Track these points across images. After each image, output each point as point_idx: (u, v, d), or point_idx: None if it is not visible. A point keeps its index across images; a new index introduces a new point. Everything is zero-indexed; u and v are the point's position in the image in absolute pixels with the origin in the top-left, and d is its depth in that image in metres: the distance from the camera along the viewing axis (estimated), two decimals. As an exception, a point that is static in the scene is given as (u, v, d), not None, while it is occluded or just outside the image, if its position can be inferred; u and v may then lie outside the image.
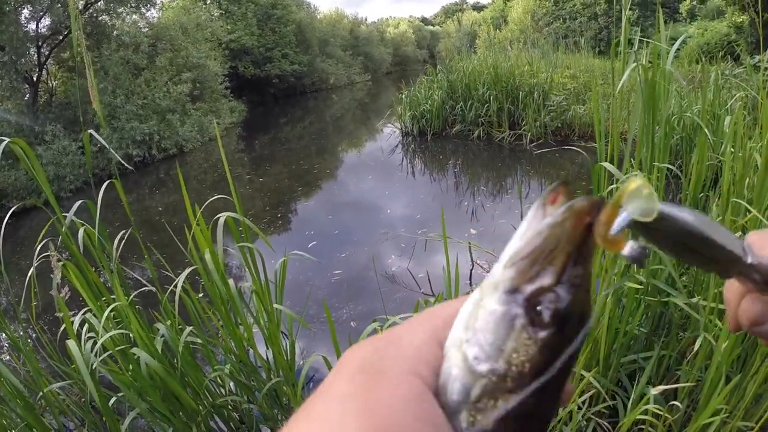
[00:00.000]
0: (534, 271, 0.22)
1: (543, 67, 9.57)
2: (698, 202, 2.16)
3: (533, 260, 0.22)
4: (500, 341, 0.22)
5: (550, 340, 0.21)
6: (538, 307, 0.21)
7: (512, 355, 0.21)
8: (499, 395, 0.21)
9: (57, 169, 9.83)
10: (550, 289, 0.22)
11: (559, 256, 0.22)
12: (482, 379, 0.21)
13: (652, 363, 1.93)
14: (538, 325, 0.21)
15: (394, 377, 0.23)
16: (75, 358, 1.81)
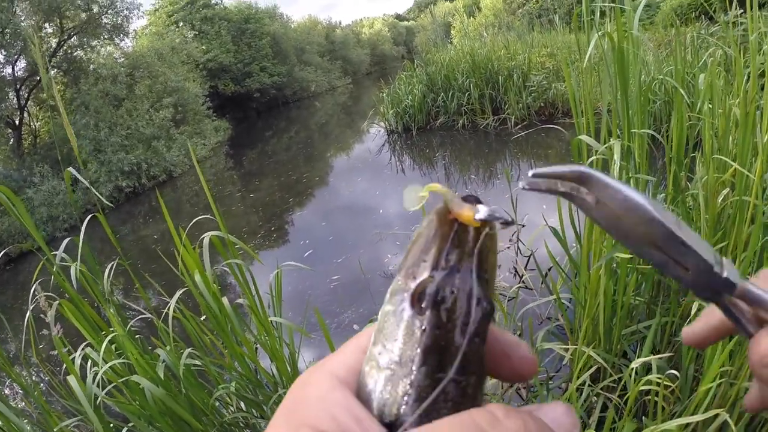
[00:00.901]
0: (414, 269, 0.24)
1: (520, 49, 9.56)
2: (682, 164, 2.16)
3: (412, 262, 0.24)
4: (394, 334, 0.23)
5: (432, 322, 0.22)
6: (421, 297, 0.23)
7: (405, 344, 0.23)
8: (401, 383, 0.22)
9: (49, 209, 9.81)
10: (429, 280, 0.23)
11: (431, 250, 0.24)
12: (384, 371, 0.23)
13: (653, 331, 1.93)
14: (420, 312, 0.23)
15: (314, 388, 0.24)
16: (76, 393, 1.80)
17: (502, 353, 0.27)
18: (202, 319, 2.29)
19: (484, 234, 0.24)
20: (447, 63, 9.64)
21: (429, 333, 0.22)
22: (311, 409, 0.23)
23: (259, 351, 2.53)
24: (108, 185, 11.05)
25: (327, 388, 0.24)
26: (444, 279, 0.23)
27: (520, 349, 0.27)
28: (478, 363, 0.23)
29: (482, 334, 0.23)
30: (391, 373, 0.23)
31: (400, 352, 0.23)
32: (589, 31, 1.87)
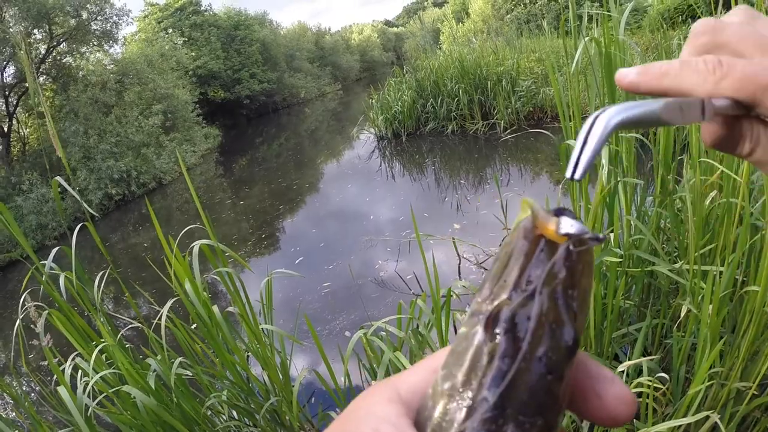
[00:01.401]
0: (494, 290, 0.22)
1: (508, 55, 9.62)
2: (670, 168, 2.17)
3: (493, 282, 0.22)
4: (461, 359, 0.21)
5: (502, 350, 0.20)
6: (496, 321, 0.21)
7: (470, 371, 0.21)
8: (458, 413, 0.20)
9: (38, 217, 9.73)
10: (506, 302, 0.21)
11: (513, 269, 0.22)
12: (444, 397, 0.21)
13: (643, 334, 1.94)
14: (492, 338, 0.21)
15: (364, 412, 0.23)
16: (66, 403, 1.78)
17: (592, 391, 0.23)
18: (192, 327, 2.28)
19: (576, 253, 0.21)
20: (436, 69, 9.68)
21: (497, 362, 0.20)
22: (358, 420, 0.22)
23: (250, 359, 2.52)
24: (97, 193, 10.97)
25: (381, 402, 0.23)
26: (522, 302, 0.21)
27: (615, 386, 0.23)
28: (551, 404, 0.20)
29: (558, 371, 0.20)
30: (449, 400, 0.21)
31: (464, 379, 0.21)
32: (576, 36, 1.88)
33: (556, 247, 0.21)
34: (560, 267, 0.21)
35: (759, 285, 1.48)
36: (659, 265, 1.92)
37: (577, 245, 0.21)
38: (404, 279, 4.28)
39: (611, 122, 0.26)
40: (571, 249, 0.21)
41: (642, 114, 0.27)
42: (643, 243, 2.07)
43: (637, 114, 0.27)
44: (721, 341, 1.55)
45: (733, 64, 0.29)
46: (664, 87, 0.30)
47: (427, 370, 0.24)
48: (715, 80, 0.29)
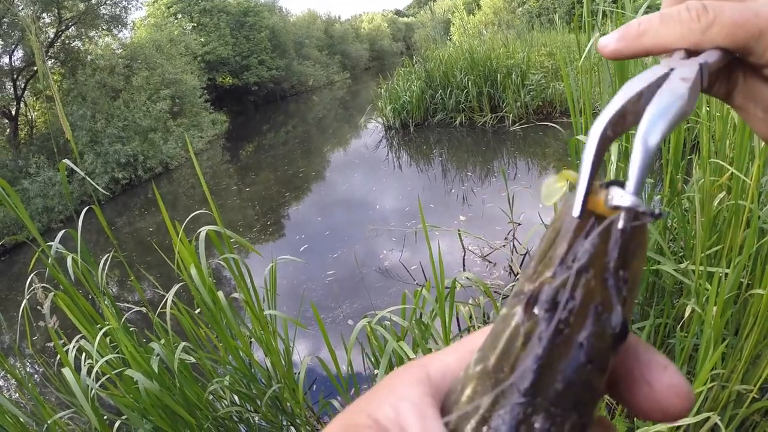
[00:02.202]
0: (538, 269, 0.20)
1: (519, 48, 9.56)
2: (679, 167, 2.16)
3: (537, 261, 0.20)
4: (497, 341, 0.19)
5: (540, 331, 0.19)
6: (537, 301, 0.19)
7: (503, 354, 0.19)
8: (485, 398, 0.19)
9: (45, 200, 9.76)
10: (549, 280, 0.19)
11: (559, 247, 0.20)
12: (473, 380, 0.20)
13: (646, 332, 1.94)
14: (530, 319, 0.19)
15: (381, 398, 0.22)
16: (71, 385, 1.80)
17: (642, 378, 0.21)
18: (196, 312, 2.29)
19: (629, 229, 0.19)
20: (446, 60, 9.63)
21: (533, 345, 0.18)
22: (381, 398, 0.21)
23: (253, 345, 2.54)
24: (104, 177, 11.01)
25: (407, 382, 0.21)
26: (566, 281, 0.19)
27: (669, 374, 0.21)
28: (588, 399, 0.18)
29: (601, 361, 0.19)
30: (479, 383, 0.19)
31: (496, 363, 0.19)
32: (590, 31, 1.87)
33: (610, 224, 0.20)
34: (611, 243, 0.19)
35: (764, 289, 1.48)
36: (665, 264, 1.92)
37: (629, 220, 0.19)
38: (408, 269, 4.29)
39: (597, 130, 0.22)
40: (623, 224, 0.19)
41: (678, 117, 0.23)
42: (650, 241, 2.07)
43: (674, 119, 0.23)
44: (724, 343, 1.55)
45: (720, 9, 0.26)
46: (646, 47, 0.27)
47: (461, 351, 0.23)
48: (701, 28, 0.26)
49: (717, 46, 0.26)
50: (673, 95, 0.23)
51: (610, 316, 0.19)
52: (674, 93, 0.23)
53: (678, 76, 0.24)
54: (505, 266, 3.92)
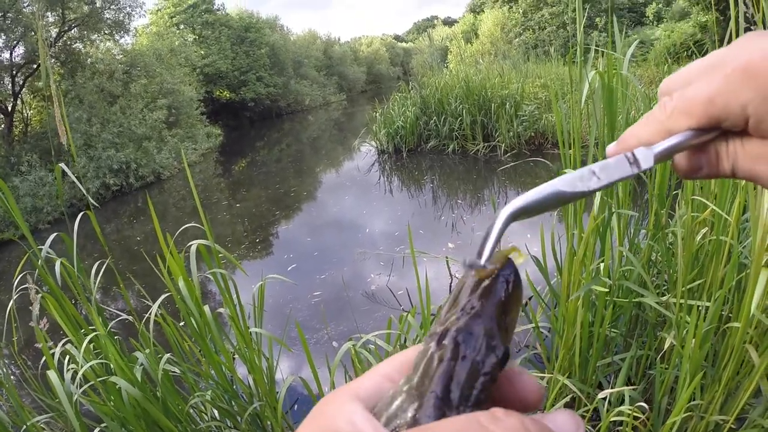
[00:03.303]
0: (447, 315, 0.27)
1: (514, 78, 9.71)
2: (664, 202, 2.21)
3: (447, 310, 0.27)
4: (418, 367, 0.26)
5: (449, 356, 0.25)
6: (444, 336, 0.26)
7: (424, 374, 0.25)
8: (411, 406, 0.24)
9: (34, 200, 9.69)
10: (453, 322, 0.26)
11: (461, 302, 0.27)
12: (402, 394, 0.25)
13: (627, 363, 1.96)
14: (440, 348, 0.26)
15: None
16: (55, 388, 1.79)
17: (507, 382, 0.27)
18: (181, 324, 2.29)
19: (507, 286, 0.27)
20: (441, 87, 9.76)
21: (444, 364, 0.25)
22: (330, 416, 0.25)
23: (236, 362, 2.53)
24: (95, 181, 10.96)
25: (347, 400, 0.26)
26: (466, 322, 0.26)
27: (523, 377, 0.28)
28: (484, 399, 0.25)
29: (491, 374, 0.25)
30: (407, 396, 0.25)
31: (418, 381, 0.25)
32: (582, 67, 1.93)
33: (495, 281, 0.27)
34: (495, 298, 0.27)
35: (740, 322, 1.51)
36: (647, 297, 1.95)
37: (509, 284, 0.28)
38: (395, 294, 4.30)
39: (504, 214, 0.30)
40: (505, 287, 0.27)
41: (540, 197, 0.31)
42: (633, 274, 2.11)
43: (535, 199, 0.30)
44: (701, 374, 1.58)
45: (680, 94, 0.30)
46: (631, 147, 0.32)
47: (376, 375, 0.28)
48: (668, 115, 0.30)
49: (684, 128, 0.30)
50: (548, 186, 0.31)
51: (495, 344, 0.26)
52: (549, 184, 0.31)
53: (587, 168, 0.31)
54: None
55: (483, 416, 0.22)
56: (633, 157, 0.31)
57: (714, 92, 0.28)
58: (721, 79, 0.28)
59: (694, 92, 0.29)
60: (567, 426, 0.25)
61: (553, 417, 0.25)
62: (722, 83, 0.28)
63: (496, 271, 0.28)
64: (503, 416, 0.22)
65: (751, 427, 1.68)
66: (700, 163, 0.32)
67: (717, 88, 0.28)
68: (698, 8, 13.38)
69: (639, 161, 0.31)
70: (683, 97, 0.30)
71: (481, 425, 0.22)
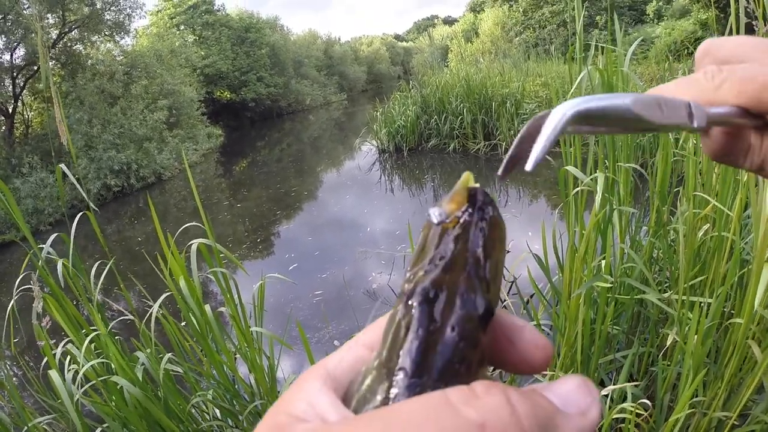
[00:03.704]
0: (415, 271, 0.22)
1: (514, 77, 9.70)
2: (665, 199, 2.21)
3: (413, 265, 0.23)
4: (386, 337, 0.22)
5: (417, 322, 0.21)
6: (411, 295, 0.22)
7: (392, 346, 0.21)
8: (381, 386, 0.21)
9: (35, 202, 9.71)
10: (421, 278, 0.22)
11: (428, 254, 0.22)
12: (372, 371, 0.22)
13: (629, 361, 1.96)
14: (408, 312, 0.21)
15: None
16: (56, 387, 1.79)
17: (505, 339, 0.23)
18: (182, 324, 2.29)
19: (486, 228, 0.22)
20: (442, 86, 9.75)
21: (411, 333, 0.21)
22: (291, 396, 0.22)
23: (237, 361, 2.53)
24: (96, 183, 10.97)
25: (311, 379, 0.23)
26: (435, 276, 0.21)
27: (525, 332, 0.23)
28: (464, 370, 0.21)
29: (471, 339, 0.21)
30: (376, 374, 0.21)
31: (387, 355, 0.21)
32: (582, 64, 1.92)
33: (468, 225, 0.22)
34: (469, 241, 0.22)
35: (743, 317, 1.51)
36: (649, 294, 1.95)
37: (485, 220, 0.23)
38: (396, 293, 4.29)
39: (568, 113, 0.25)
40: (481, 224, 0.22)
41: (607, 106, 0.25)
42: (635, 271, 2.10)
43: (601, 106, 0.25)
44: (704, 371, 1.57)
45: (733, 69, 0.28)
46: None
47: (360, 345, 0.25)
48: (714, 86, 0.28)
49: (732, 104, 0.28)
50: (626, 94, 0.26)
51: (474, 301, 0.21)
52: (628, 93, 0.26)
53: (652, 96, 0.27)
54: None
55: (455, 393, 0.18)
56: (689, 108, 0.27)
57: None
58: None
59: (755, 72, 0.27)
60: (576, 398, 0.19)
61: (557, 387, 0.20)
62: None
63: (464, 208, 0.23)
64: (483, 393, 0.18)
65: (754, 423, 1.68)
66: (732, 148, 0.30)
67: None
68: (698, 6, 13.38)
69: (694, 115, 0.27)
70: (738, 73, 0.28)
71: (451, 406, 0.17)
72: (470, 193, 0.24)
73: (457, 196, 0.23)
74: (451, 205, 0.23)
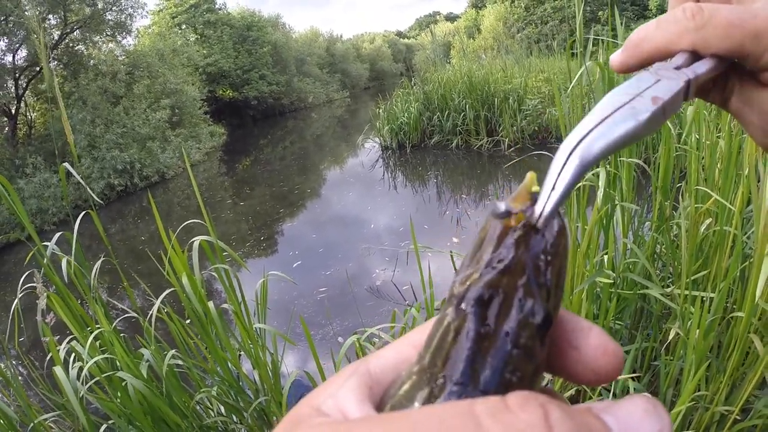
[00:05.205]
0: (468, 272, 0.21)
1: (517, 73, 9.68)
2: (668, 194, 2.21)
3: (467, 264, 0.22)
4: (431, 340, 0.21)
5: (468, 327, 0.20)
6: (464, 299, 0.21)
7: (437, 350, 0.20)
8: (420, 392, 0.20)
9: (39, 202, 9.75)
10: (476, 280, 0.21)
11: (486, 251, 0.21)
12: (413, 376, 0.21)
13: (632, 356, 1.96)
14: (458, 315, 0.20)
15: None
16: (61, 383, 1.80)
17: (568, 345, 0.21)
18: (186, 322, 2.30)
19: (550, 234, 0.21)
20: (444, 83, 9.74)
21: (462, 338, 0.20)
22: (321, 390, 0.21)
23: (241, 358, 2.54)
24: (100, 182, 11.00)
25: (346, 375, 0.22)
26: (491, 279, 0.20)
27: (593, 335, 0.21)
28: (516, 382, 0.19)
29: (526, 348, 0.20)
30: (416, 379, 0.20)
31: (430, 359, 0.20)
32: (581, 58, 1.92)
33: (530, 229, 0.21)
34: (531, 246, 0.21)
35: (744, 311, 1.51)
36: (652, 289, 1.95)
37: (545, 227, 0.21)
38: (400, 289, 4.30)
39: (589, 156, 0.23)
40: (549, 231, 0.21)
41: (627, 140, 0.24)
42: (638, 266, 2.10)
43: (621, 141, 0.23)
44: (705, 365, 1.58)
45: (716, 10, 0.26)
46: (646, 54, 0.28)
47: (400, 346, 0.23)
48: (696, 27, 0.26)
49: (712, 48, 0.26)
50: (632, 116, 0.24)
51: (533, 308, 0.20)
52: (635, 114, 0.24)
53: (652, 94, 0.25)
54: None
55: (483, 404, 0.16)
56: (687, 90, 0.26)
57: (762, 24, 0.25)
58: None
59: (742, 16, 0.25)
60: (641, 426, 0.16)
61: (619, 409, 0.17)
62: None
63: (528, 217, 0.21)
64: (516, 406, 0.16)
65: (756, 417, 1.68)
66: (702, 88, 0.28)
67: None
68: (702, 0, 13.32)
69: (690, 93, 0.26)
70: (720, 15, 0.26)
71: (474, 417, 0.15)
72: (533, 197, 0.22)
73: (521, 197, 0.22)
74: (516, 203, 0.22)
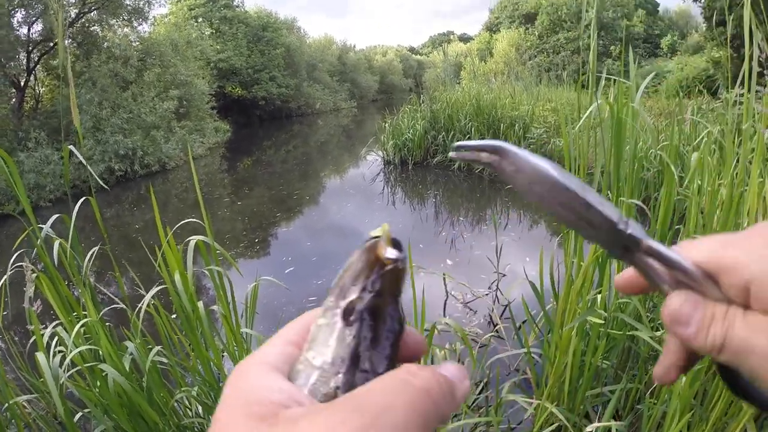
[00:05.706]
0: (345, 292, 0.30)
1: (525, 100, 9.75)
2: (666, 236, 2.22)
3: (343, 285, 0.30)
4: (327, 342, 0.29)
5: (360, 332, 0.29)
6: (349, 313, 0.29)
7: (337, 349, 0.29)
8: (333, 379, 0.28)
9: (38, 177, 9.71)
10: (358, 300, 0.29)
11: (361, 278, 0.30)
12: (318, 369, 0.28)
13: (616, 396, 1.96)
14: (350, 324, 0.29)
15: None
16: (43, 370, 1.78)
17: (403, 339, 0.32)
18: (173, 317, 2.29)
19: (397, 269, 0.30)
20: (452, 103, 9.78)
21: (356, 341, 0.28)
22: (257, 389, 0.27)
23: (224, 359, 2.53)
24: (100, 165, 10.97)
25: (266, 371, 0.28)
26: (371, 300, 0.29)
27: (410, 335, 0.32)
28: (388, 363, 0.29)
29: (396, 343, 0.30)
30: (323, 371, 0.28)
31: (333, 355, 0.28)
32: (592, 94, 1.94)
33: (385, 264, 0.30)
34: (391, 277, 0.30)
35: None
36: (641, 331, 1.95)
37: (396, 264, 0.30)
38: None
39: None
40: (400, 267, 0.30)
41: None
42: (629, 307, 2.11)
43: None
44: (691, 413, 1.57)
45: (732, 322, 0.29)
46: None
47: (284, 342, 0.31)
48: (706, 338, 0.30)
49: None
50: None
51: (395, 318, 0.30)
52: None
53: None
54: (485, 315, 3.91)
55: (401, 373, 0.26)
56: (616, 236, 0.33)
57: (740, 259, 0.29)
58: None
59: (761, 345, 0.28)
60: (458, 373, 0.28)
61: (444, 368, 0.28)
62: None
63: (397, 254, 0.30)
64: (417, 370, 0.26)
65: (735, 470, 1.67)
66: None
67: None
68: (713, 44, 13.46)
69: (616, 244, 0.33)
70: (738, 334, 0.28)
71: (405, 381, 0.26)
72: (394, 242, 0.31)
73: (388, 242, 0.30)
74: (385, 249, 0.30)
